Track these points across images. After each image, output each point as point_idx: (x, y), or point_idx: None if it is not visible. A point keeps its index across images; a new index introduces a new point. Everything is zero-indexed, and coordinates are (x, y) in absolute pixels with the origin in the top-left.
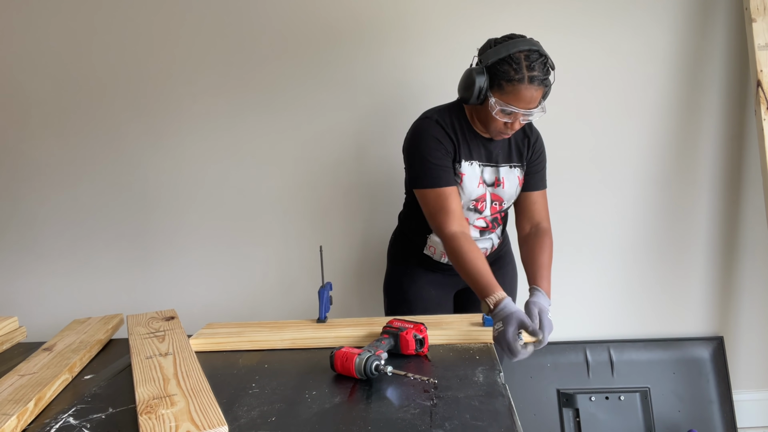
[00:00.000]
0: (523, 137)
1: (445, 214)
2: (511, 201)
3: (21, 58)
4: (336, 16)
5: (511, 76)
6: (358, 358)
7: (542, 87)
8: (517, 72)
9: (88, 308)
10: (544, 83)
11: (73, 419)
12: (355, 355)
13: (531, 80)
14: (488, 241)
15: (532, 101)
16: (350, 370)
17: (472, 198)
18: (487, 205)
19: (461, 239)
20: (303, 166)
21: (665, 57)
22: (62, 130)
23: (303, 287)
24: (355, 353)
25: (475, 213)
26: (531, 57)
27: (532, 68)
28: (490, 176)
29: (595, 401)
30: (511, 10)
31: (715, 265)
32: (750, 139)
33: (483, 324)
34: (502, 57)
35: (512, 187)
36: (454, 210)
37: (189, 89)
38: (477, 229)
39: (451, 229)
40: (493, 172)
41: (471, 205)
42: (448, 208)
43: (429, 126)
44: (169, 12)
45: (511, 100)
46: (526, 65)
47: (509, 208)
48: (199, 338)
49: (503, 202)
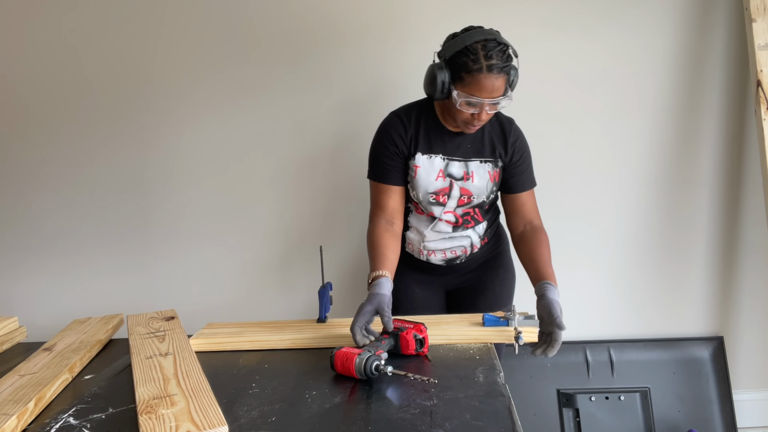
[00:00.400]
0: (500, 135)
1: (377, 207)
2: (482, 196)
3: (20, 58)
4: (339, 14)
5: (470, 66)
6: (358, 358)
7: (503, 75)
8: (475, 62)
9: (88, 308)
10: (505, 70)
11: (73, 419)
12: (355, 355)
13: (489, 69)
14: (465, 239)
15: (495, 90)
16: (350, 370)
17: (429, 191)
18: (452, 198)
19: (378, 226)
20: (303, 167)
21: (665, 57)
22: (61, 130)
23: (303, 287)
24: (355, 353)
25: (438, 206)
26: (488, 46)
27: (490, 57)
28: (458, 170)
29: (595, 401)
30: (511, 11)
31: (715, 265)
32: (750, 139)
33: (483, 324)
34: (459, 49)
35: (482, 181)
36: (386, 205)
37: (188, 90)
38: (449, 224)
39: (376, 220)
40: (461, 166)
41: (431, 199)
42: (382, 203)
43: (389, 121)
44: (163, 12)
45: (473, 90)
46: (484, 54)
47: (492, 207)
48: (199, 338)
49: (472, 197)
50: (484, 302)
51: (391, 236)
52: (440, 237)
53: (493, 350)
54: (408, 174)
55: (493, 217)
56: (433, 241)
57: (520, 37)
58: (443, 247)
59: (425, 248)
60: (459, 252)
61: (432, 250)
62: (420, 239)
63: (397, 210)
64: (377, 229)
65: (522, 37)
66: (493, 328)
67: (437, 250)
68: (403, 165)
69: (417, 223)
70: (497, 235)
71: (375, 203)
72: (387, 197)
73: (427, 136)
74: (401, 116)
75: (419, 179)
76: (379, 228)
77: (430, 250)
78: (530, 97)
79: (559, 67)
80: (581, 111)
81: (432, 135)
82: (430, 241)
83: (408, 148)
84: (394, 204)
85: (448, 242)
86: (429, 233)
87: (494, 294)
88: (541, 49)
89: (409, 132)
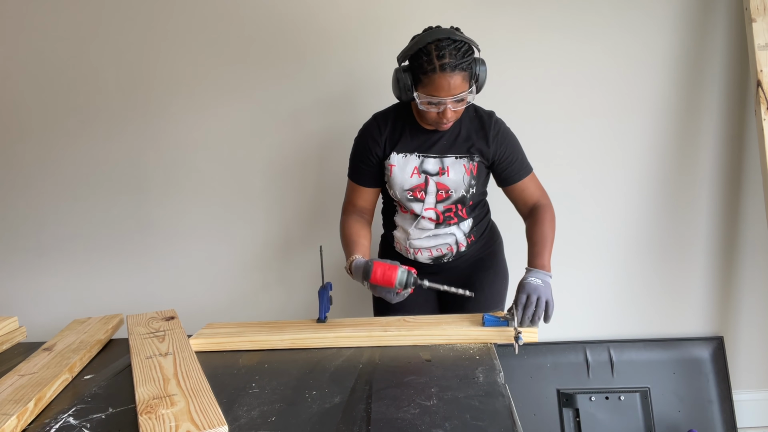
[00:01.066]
0: (480, 130)
1: (349, 203)
2: (460, 190)
3: (20, 59)
4: (336, 14)
5: (425, 68)
6: (401, 271)
7: (459, 72)
8: (429, 63)
9: (88, 308)
10: (460, 68)
11: (73, 419)
12: (396, 268)
13: (443, 68)
14: (449, 237)
15: (454, 88)
16: (391, 280)
17: (405, 188)
18: (429, 193)
19: (349, 218)
20: (304, 167)
21: (665, 57)
22: (61, 131)
23: (303, 287)
24: (395, 267)
25: (416, 203)
26: (440, 45)
27: (442, 56)
28: (434, 166)
29: (595, 401)
30: (511, 11)
31: (715, 265)
32: (750, 139)
33: (483, 324)
34: (415, 52)
35: (458, 175)
36: (357, 204)
37: (187, 91)
38: (431, 221)
39: (347, 213)
40: (436, 162)
41: (408, 195)
42: (354, 200)
43: (367, 125)
44: (159, 16)
45: (432, 90)
46: (436, 55)
47: (478, 205)
48: (199, 338)
49: (450, 191)
50: (473, 303)
51: (360, 226)
52: (424, 234)
53: (493, 350)
54: (384, 174)
55: (480, 215)
56: (417, 239)
57: (520, 37)
58: (428, 245)
59: (411, 246)
60: (445, 250)
61: (418, 248)
62: (405, 237)
63: (367, 209)
64: (348, 220)
65: (522, 37)
66: (493, 328)
67: (423, 248)
68: (378, 167)
69: (402, 222)
70: (489, 235)
71: (348, 200)
72: (358, 197)
73: (403, 136)
74: (378, 119)
75: (395, 177)
76: (350, 220)
77: (416, 248)
78: (530, 97)
79: (559, 67)
80: (581, 111)
81: (408, 134)
82: (415, 239)
83: (383, 150)
84: (364, 203)
85: (433, 240)
86: (413, 231)
87: (483, 295)
88: (541, 49)
89: (384, 134)
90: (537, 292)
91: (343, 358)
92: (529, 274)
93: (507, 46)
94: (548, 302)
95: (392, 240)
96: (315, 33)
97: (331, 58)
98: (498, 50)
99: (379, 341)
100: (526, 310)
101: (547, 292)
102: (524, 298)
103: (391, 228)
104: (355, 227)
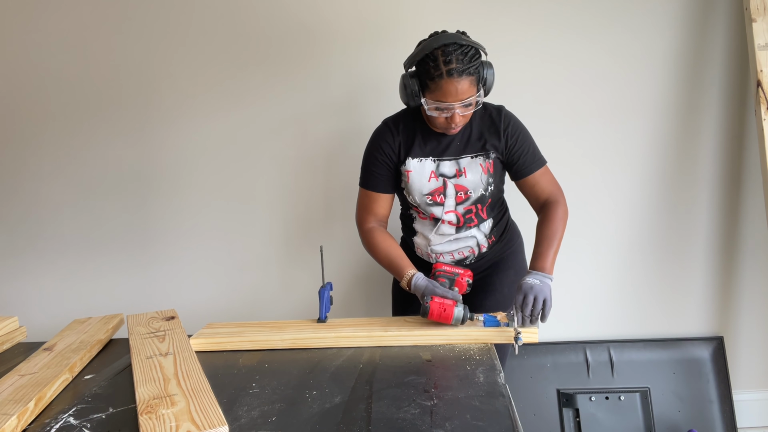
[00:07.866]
0: (491, 126)
1: (366, 212)
2: (478, 189)
3: (22, 63)
4: (340, 16)
5: (432, 74)
6: (457, 309)
7: (466, 77)
8: (435, 69)
9: (88, 308)
10: (467, 72)
11: (74, 419)
12: (453, 306)
13: (450, 74)
14: (471, 239)
15: (461, 93)
16: (448, 318)
17: (424, 192)
18: (448, 196)
19: (376, 232)
20: (304, 166)
21: (665, 57)
22: (61, 132)
23: (303, 287)
24: (452, 304)
25: (436, 207)
26: (447, 51)
27: (449, 62)
28: (450, 168)
29: (595, 401)
30: (511, 11)
31: (715, 265)
32: (750, 139)
33: (483, 324)
34: (421, 57)
35: (475, 175)
36: (376, 212)
37: (188, 91)
38: (451, 225)
39: (368, 225)
40: (453, 164)
41: (428, 200)
42: (371, 209)
43: (378, 131)
44: (164, 16)
45: (439, 96)
46: (443, 60)
47: (497, 204)
48: (200, 338)
49: (469, 191)
50: (493, 303)
51: (389, 237)
52: (445, 240)
53: (493, 350)
54: (401, 180)
55: (499, 214)
56: (438, 245)
57: (520, 37)
58: (449, 249)
59: (432, 251)
60: (467, 252)
61: (439, 253)
62: (426, 243)
63: (385, 216)
64: (375, 235)
65: (522, 37)
66: (493, 328)
67: (444, 253)
68: (393, 173)
69: (422, 228)
70: (508, 235)
71: (364, 208)
72: (376, 205)
73: (416, 141)
74: (389, 125)
75: (412, 183)
76: (376, 233)
77: (437, 253)
78: (530, 96)
79: (559, 67)
80: (581, 111)
81: (421, 139)
82: (436, 244)
83: (397, 155)
84: (382, 211)
85: (454, 244)
86: (434, 237)
87: (502, 295)
88: (541, 48)
89: (397, 139)
90: (534, 292)
91: (343, 358)
92: (528, 276)
93: (507, 47)
94: (546, 301)
95: (413, 245)
96: (320, 37)
97: (335, 62)
98: (498, 50)
99: (380, 341)
100: (524, 309)
101: (545, 291)
102: (521, 299)
103: (410, 234)
104: (387, 240)
